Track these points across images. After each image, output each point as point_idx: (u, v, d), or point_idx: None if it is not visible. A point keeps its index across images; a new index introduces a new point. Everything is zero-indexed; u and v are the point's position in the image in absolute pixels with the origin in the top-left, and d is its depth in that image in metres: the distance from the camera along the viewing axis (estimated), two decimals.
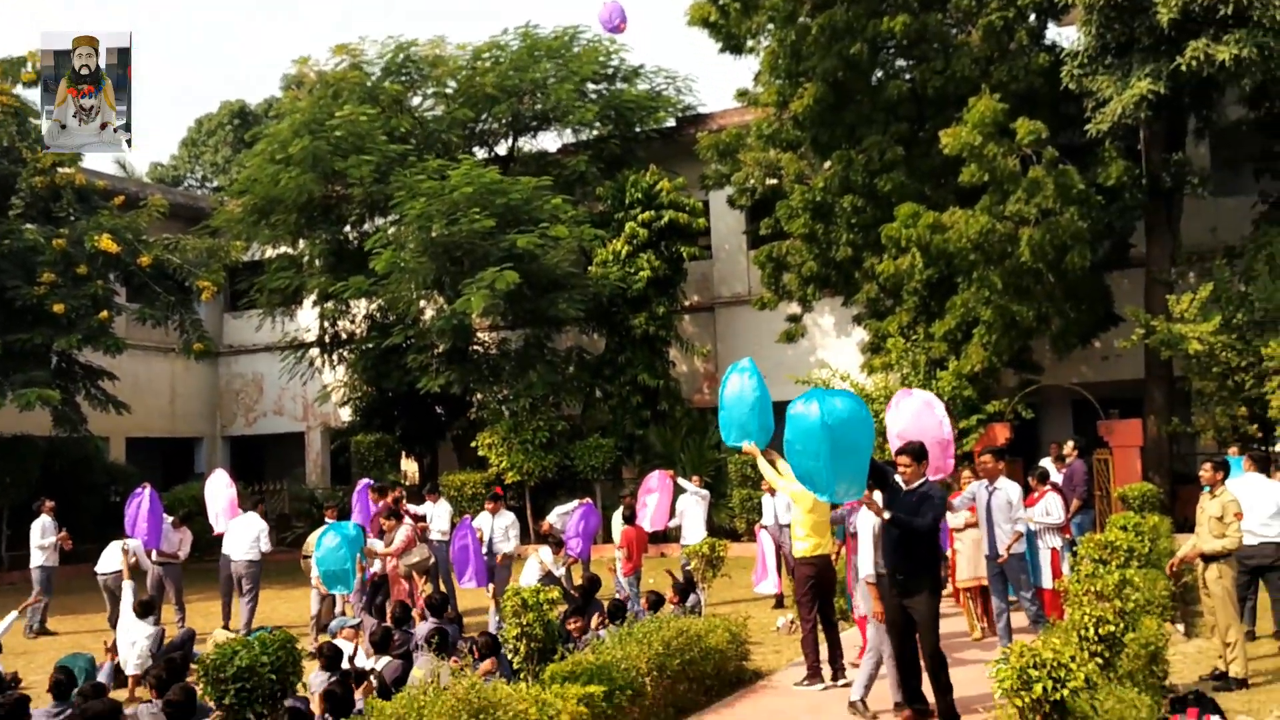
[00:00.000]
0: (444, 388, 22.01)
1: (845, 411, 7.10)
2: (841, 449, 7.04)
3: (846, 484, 7.19)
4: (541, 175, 21.73)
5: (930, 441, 8.74)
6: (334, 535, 11.43)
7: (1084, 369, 20.99)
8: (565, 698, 6.79)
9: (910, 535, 7.37)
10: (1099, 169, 16.97)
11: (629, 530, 12.96)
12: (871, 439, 7.40)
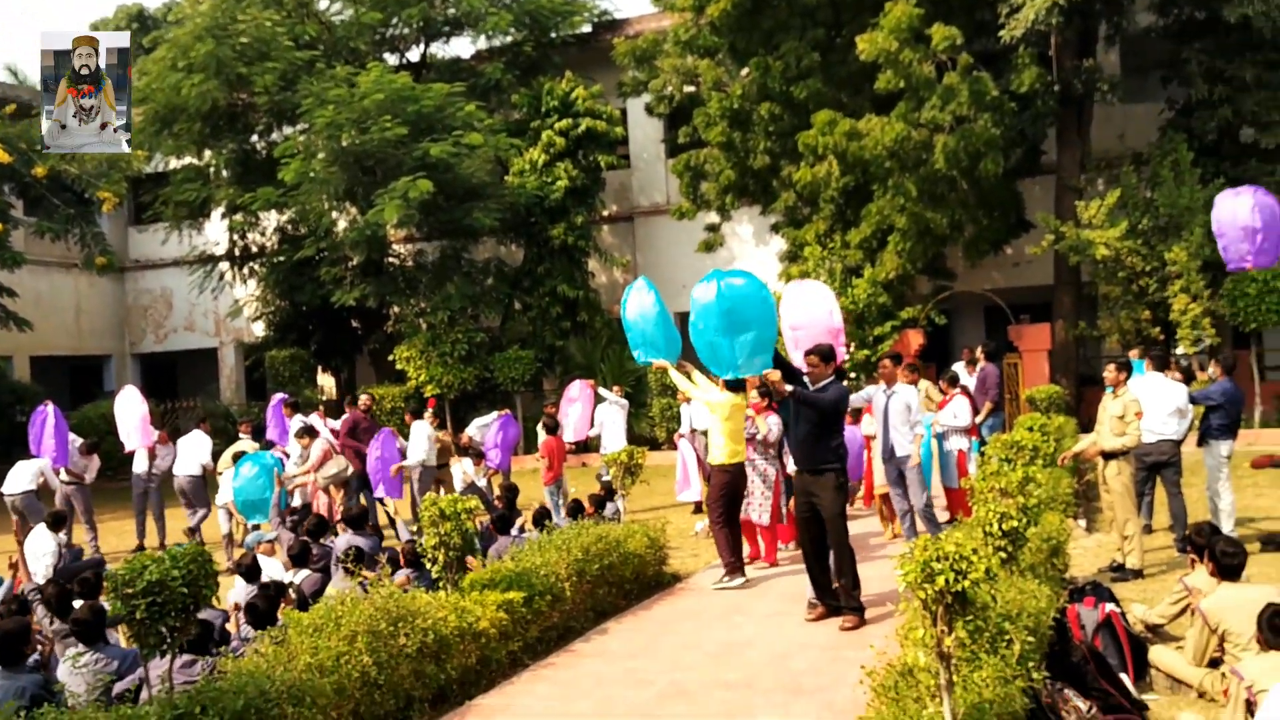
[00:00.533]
0: (359, 301, 21.69)
1: (742, 288, 7.52)
2: (740, 323, 7.44)
3: (749, 358, 7.43)
4: (455, 82, 21.22)
5: (821, 330, 8.99)
6: (252, 465, 11.28)
7: (996, 275, 21.37)
8: (485, 604, 6.86)
9: (815, 431, 7.53)
10: (1012, 76, 17.08)
11: (550, 440, 12.98)
12: (771, 315, 7.65)
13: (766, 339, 7.60)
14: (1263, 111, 16.93)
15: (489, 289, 22.44)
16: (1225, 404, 10.00)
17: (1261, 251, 10.88)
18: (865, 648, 5.37)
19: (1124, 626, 6.29)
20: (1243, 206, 10.81)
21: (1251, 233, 10.84)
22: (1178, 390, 9.79)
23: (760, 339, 7.53)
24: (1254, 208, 10.83)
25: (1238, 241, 10.93)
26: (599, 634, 7.81)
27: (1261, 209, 10.80)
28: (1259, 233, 10.85)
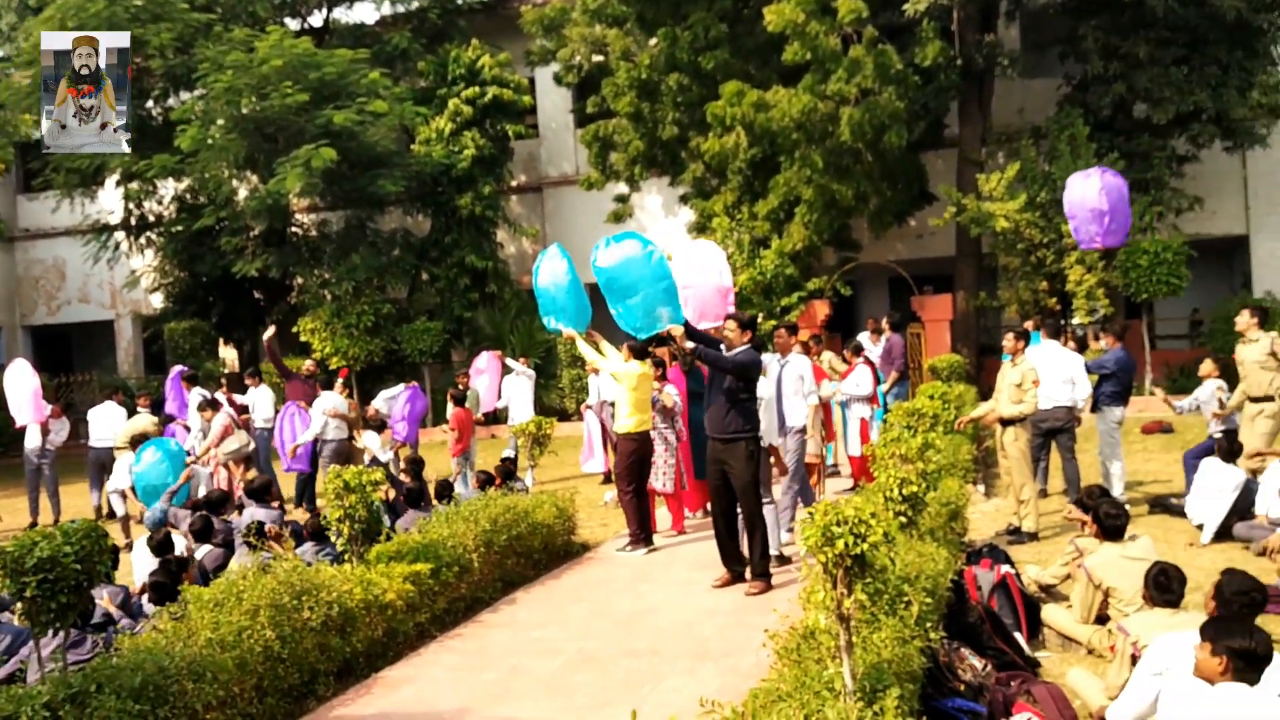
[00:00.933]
0: (262, 271, 21.22)
1: (618, 255, 7.70)
2: (626, 286, 7.61)
3: (646, 318, 7.55)
4: (359, 49, 20.79)
5: (710, 290, 9.10)
6: (155, 450, 10.97)
7: (900, 247, 21.73)
8: (391, 577, 6.81)
9: (728, 399, 7.60)
10: (916, 49, 17.32)
11: (458, 412, 12.89)
12: (657, 273, 7.73)
13: (658, 297, 7.66)
14: (1155, 88, 17.43)
15: (395, 259, 22.12)
16: (1118, 371, 10.35)
17: (1110, 232, 11.30)
18: (769, 613, 5.45)
19: (1018, 587, 6.48)
20: (1091, 189, 11.20)
21: (1099, 214, 11.24)
22: (1073, 359, 10.08)
23: (650, 299, 7.60)
24: (1101, 190, 11.22)
25: (1088, 223, 11.33)
26: (507, 604, 7.80)
27: (1109, 191, 11.20)
28: (1106, 214, 11.26)
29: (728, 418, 7.67)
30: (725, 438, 7.69)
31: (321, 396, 12.74)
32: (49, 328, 29.25)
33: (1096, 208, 11.20)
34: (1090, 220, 11.30)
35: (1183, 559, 7.62)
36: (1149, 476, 11.77)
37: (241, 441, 12.44)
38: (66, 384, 24.40)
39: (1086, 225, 11.37)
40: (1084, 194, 11.28)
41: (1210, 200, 19.38)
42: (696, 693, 5.33)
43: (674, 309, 7.79)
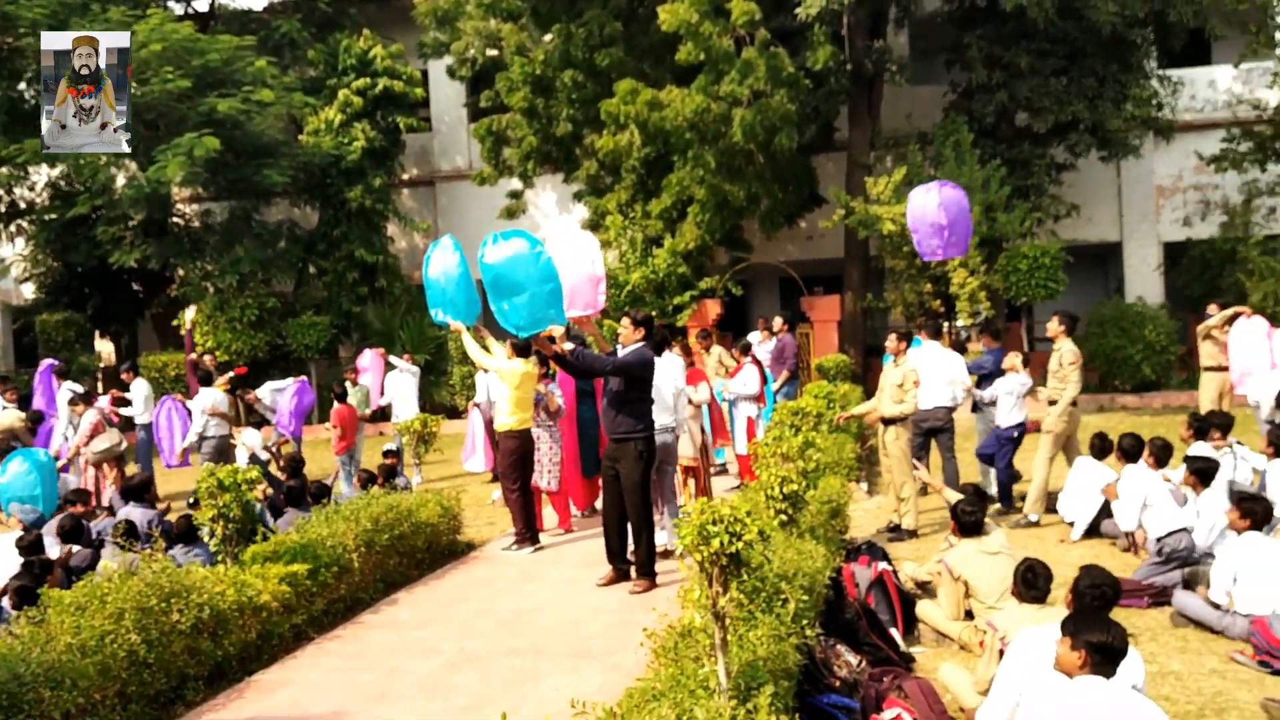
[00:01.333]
0: (141, 262, 20.56)
1: (508, 252, 7.57)
2: (512, 284, 7.52)
3: (536, 316, 7.47)
4: (245, 35, 20.26)
5: (583, 280, 9.11)
6: (22, 461, 10.47)
7: (790, 248, 22.01)
8: (266, 578, 6.64)
9: (619, 398, 7.59)
10: (808, 53, 17.53)
11: (342, 409, 12.64)
12: (544, 273, 7.66)
13: (541, 298, 7.61)
14: (1035, 98, 17.94)
15: (282, 252, 21.62)
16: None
17: (950, 244, 11.72)
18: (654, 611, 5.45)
19: (895, 584, 6.60)
20: (931, 203, 11.58)
21: (940, 228, 11.66)
22: (953, 359, 10.32)
23: (534, 299, 7.55)
24: (940, 204, 11.63)
25: (929, 236, 11.73)
26: (388, 605, 7.68)
27: (947, 205, 11.60)
28: (946, 228, 11.67)
29: (618, 418, 7.67)
30: (617, 437, 7.68)
31: (201, 393, 12.38)
32: None
33: (936, 221, 11.55)
34: (931, 234, 11.65)
35: (1053, 555, 7.87)
36: (1025, 474, 12.08)
37: (113, 440, 12.02)
38: None
39: (928, 239, 11.72)
40: (924, 208, 11.62)
41: (1086, 207, 20.08)
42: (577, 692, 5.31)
43: (558, 311, 7.76)
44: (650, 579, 7.62)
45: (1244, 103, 20.13)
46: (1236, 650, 6.08)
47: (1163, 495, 7.68)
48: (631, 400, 7.66)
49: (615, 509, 7.81)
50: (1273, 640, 5.84)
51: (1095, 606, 4.60)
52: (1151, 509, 7.69)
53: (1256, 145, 18.96)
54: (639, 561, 7.69)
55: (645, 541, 7.66)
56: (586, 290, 9.29)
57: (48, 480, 10.06)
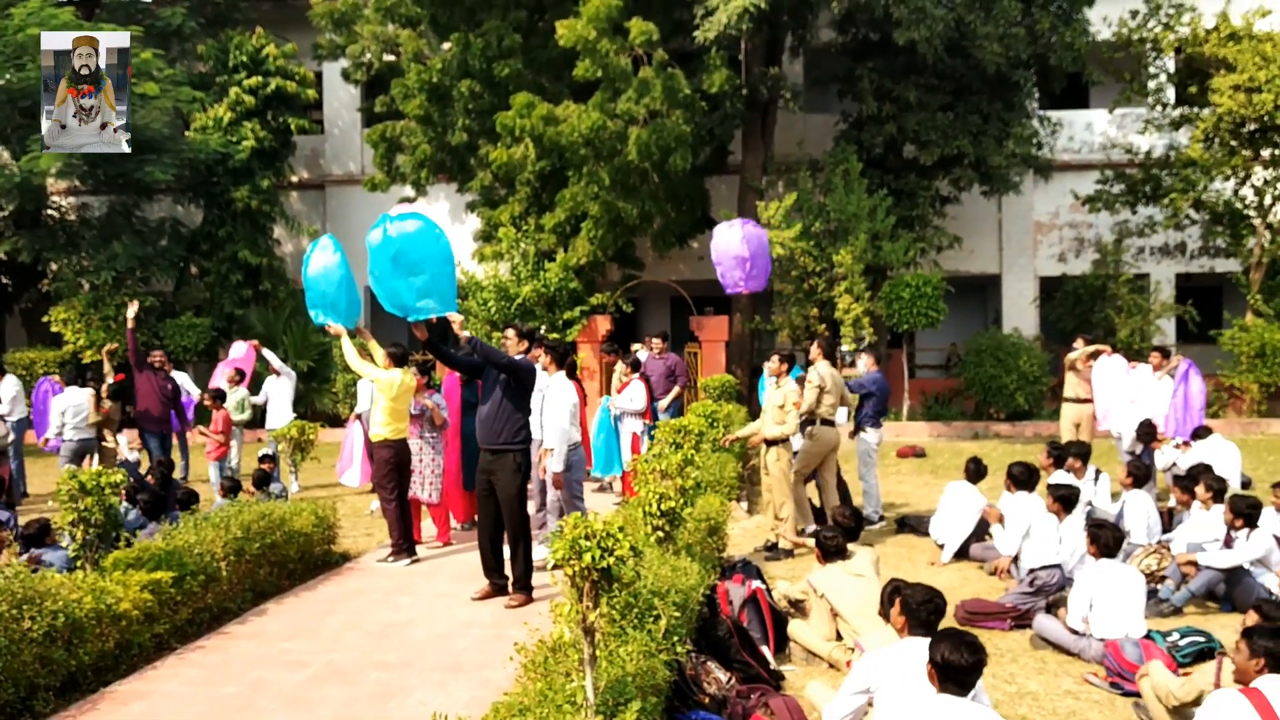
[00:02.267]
0: (10, 255, 19.74)
1: (411, 231, 7.42)
2: (410, 265, 7.37)
3: (430, 299, 7.39)
4: (130, 25, 19.63)
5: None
6: None
7: (682, 267, 22.20)
8: (128, 585, 6.42)
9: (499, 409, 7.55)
10: (704, 76, 17.74)
11: (218, 415, 12.32)
12: (443, 256, 7.59)
13: (441, 280, 7.53)
14: (922, 131, 18.47)
15: (162, 250, 20.95)
16: (876, 393, 10.86)
17: (751, 277, 12.33)
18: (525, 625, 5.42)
19: (768, 602, 6.68)
20: (735, 238, 12.19)
21: (742, 261, 12.21)
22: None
23: (434, 281, 7.46)
24: (743, 239, 12.22)
25: (732, 269, 12.32)
26: (256, 615, 7.48)
27: (750, 240, 12.19)
28: (749, 261, 12.23)
29: (498, 428, 7.61)
30: (495, 448, 7.62)
31: (65, 392, 11.93)
32: None
33: (739, 255, 12.06)
34: (735, 266, 12.18)
35: (923, 577, 8.04)
36: (900, 498, 12.38)
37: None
38: None
39: (731, 271, 12.25)
40: (729, 242, 12.13)
41: (968, 240, 20.71)
42: (444, 706, 5.26)
43: (453, 297, 7.68)
44: (527, 594, 7.58)
45: (1118, 146, 21.05)
46: (1090, 672, 6.31)
47: (1046, 527, 7.83)
48: (511, 411, 7.63)
49: (490, 522, 7.75)
50: (1124, 662, 6.07)
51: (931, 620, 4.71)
52: (1032, 539, 7.86)
53: (1128, 188, 19.84)
54: (515, 576, 7.64)
55: (522, 555, 7.62)
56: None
57: None
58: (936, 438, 18.45)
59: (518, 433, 7.64)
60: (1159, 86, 19.93)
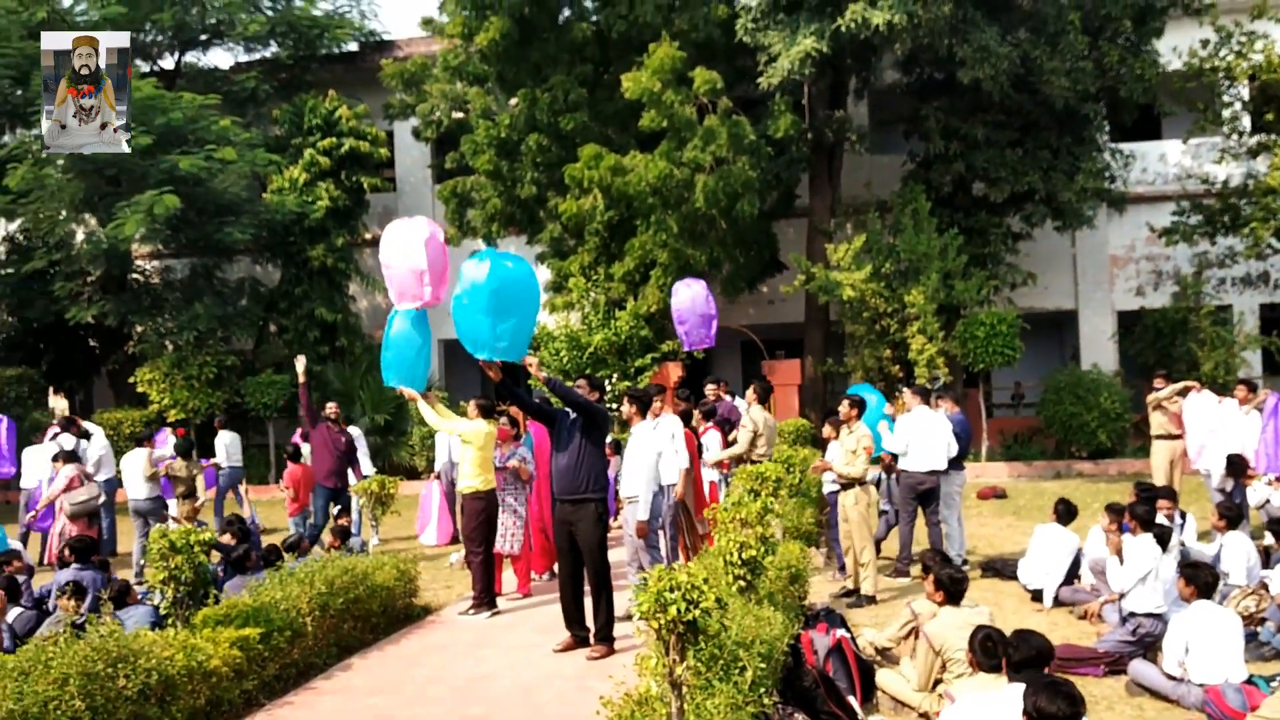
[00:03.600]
0: (98, 318, 20.37)
1: (513, 271, 7.44)
2: (506, 306, 7.39)
3: (508, 345, 7.42)
4: (210, 94, 20.30)
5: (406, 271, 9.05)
6: None
7: (751, 311, 22.18)
8: (217, 642, 6.52)
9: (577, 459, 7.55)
10: (769, 121, 17.82)
11: (294, 469, 12.51)
12: (535, 305, 7.64)
13: (526, 328, 7.61)
14: (991, 168, 18.31)
15: (242, 309, 21.49)
16: (961, 436, 10.71)
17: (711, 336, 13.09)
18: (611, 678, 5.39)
19: (853, 651, 6.57)
20: (699, 295, 12.82)
21: (709, 319, 12.85)
22: (945, 423, 10.34)
23: (521, 326, 7.53)
24: (706, 296, 12.85)
25: (697, 326, 12.89)
26: (342, 670, 7.54)
27: (711, 297, 13.00)
28: (713, 318, 12.94)
29: (578, 478, 7.61)
30: (575, 499, 7.62)
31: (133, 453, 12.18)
32: None
33: (705, 312, 12.56)
34: (699, 324, 12.69)
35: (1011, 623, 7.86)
36: (983, 540, 12.17)
37: (91, 494, 11.75)
38: None
39: (696, 329, 12.70)
40: (692, 300, 12.75)
41: (1042, 276, 20.41)
42: None
43: (524, 346, 7.75)
44: (609, 645, 7.55)
45: (1193, 177, 20.64)
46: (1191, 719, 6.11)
47: (1167, 573, 7.53)
48: (590, 461, 7.63)
49: (571, 574, 7.74)
50: (1226, 709, 5.87)
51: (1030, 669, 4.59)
52: (1145, 584, 7.51)
53: (1206, 219, 19.42)
54: (598, 627, 7.62)
55: (605, 606, 7.59)
56: (412, 283, 9.12)
57: None
58: (1017, 478, 18.12)
59: (597, 481, 7.65)
60: (1234, 115, 19.55)
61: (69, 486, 11.71)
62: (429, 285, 9.30)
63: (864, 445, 9.35)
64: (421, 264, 9.09)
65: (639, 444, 8.42)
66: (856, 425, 9.54)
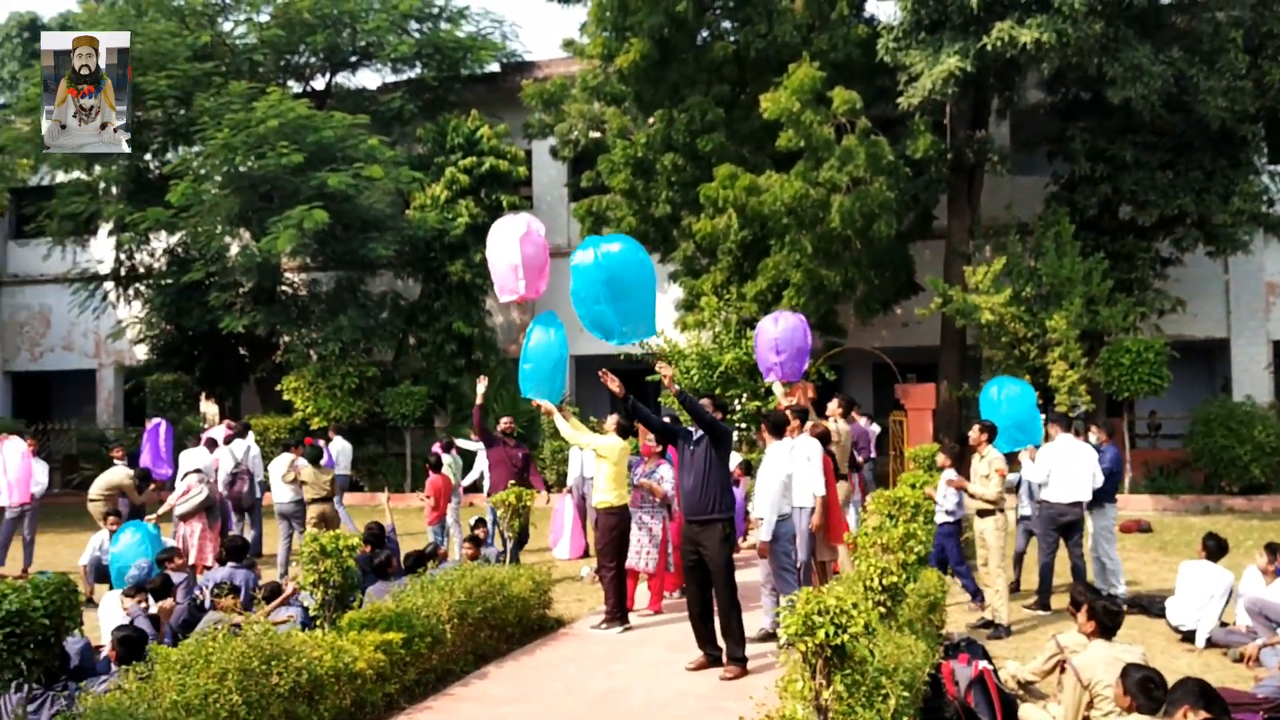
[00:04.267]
0: (248, 328, 21.24)
1: (619, 253, 7.44)
2: (621, 288, 7.49)
3: (634, 325, 7.46)
4: (358, 114, 21.06)
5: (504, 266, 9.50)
6: (134, 532, 10.85)
7: (885, 334, 21.88)
8: (362, 645, 6.71)
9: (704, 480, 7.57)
10: (908, 141, 17.61)
11: (435, 479, 12.81)
12: (651, 280, 7.65)
13: (645, 306, 7.63)
14: (1140, 190, 17.74)
15: (383, 322, 22.19)
16: (1113, 469, 10.39)
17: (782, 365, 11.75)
18: (745, 698, 5.39)
19: (995, 684, 6.42)
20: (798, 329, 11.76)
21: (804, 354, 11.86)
22: (1090, 454, 10.07)
23: (643, 306, 7.56)
24: (806, 331, 11.97)
25: (792, 359, 11.72)
26: (478, 678, 7.69)
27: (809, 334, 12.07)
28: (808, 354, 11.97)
29: (705, 498, 7.62)
30: (702, 519, 7.63)
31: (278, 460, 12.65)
32: (31, 374, 29.08)
33: (804, 347, 11.65)
34: (795, 359, 11.65)
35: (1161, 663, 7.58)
36: (1128, 575, 11.72)
37: (198, 493, 12.28)
38: (44, 431, 24.17)
39: (791, 362, 11.68)
40: (791, 333, 11.64)
41: (1193, 303, 19.65)
42: None
43: (651, 321, 7.78)
44: (741, 665, 7.52)
45: None
46: None
47: None
48: (717, 479, 7.64)
49: (700, 594, 7.74)
50: None
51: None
52: None
53: None
54: (728, 647, 7.60)
55: (735, 627, 7.57)
56: (508, 277, 9.24)
57: (156, 548, 10.34)
58: (1163, 511, 17.43)
59: (722, 500, 7.65)
60: None
61: (184, 493, 12.23)
62: (523, 280, 9.60)
63: (995, 468, 9.16)
64: (516, 259, 9.37)
65: (771, 465, 8.40)
66: (987, 450, 9.37)
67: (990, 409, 10.59)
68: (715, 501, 7.60)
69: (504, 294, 9.84)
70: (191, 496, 12.18)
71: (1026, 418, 10.36)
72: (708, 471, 7.61)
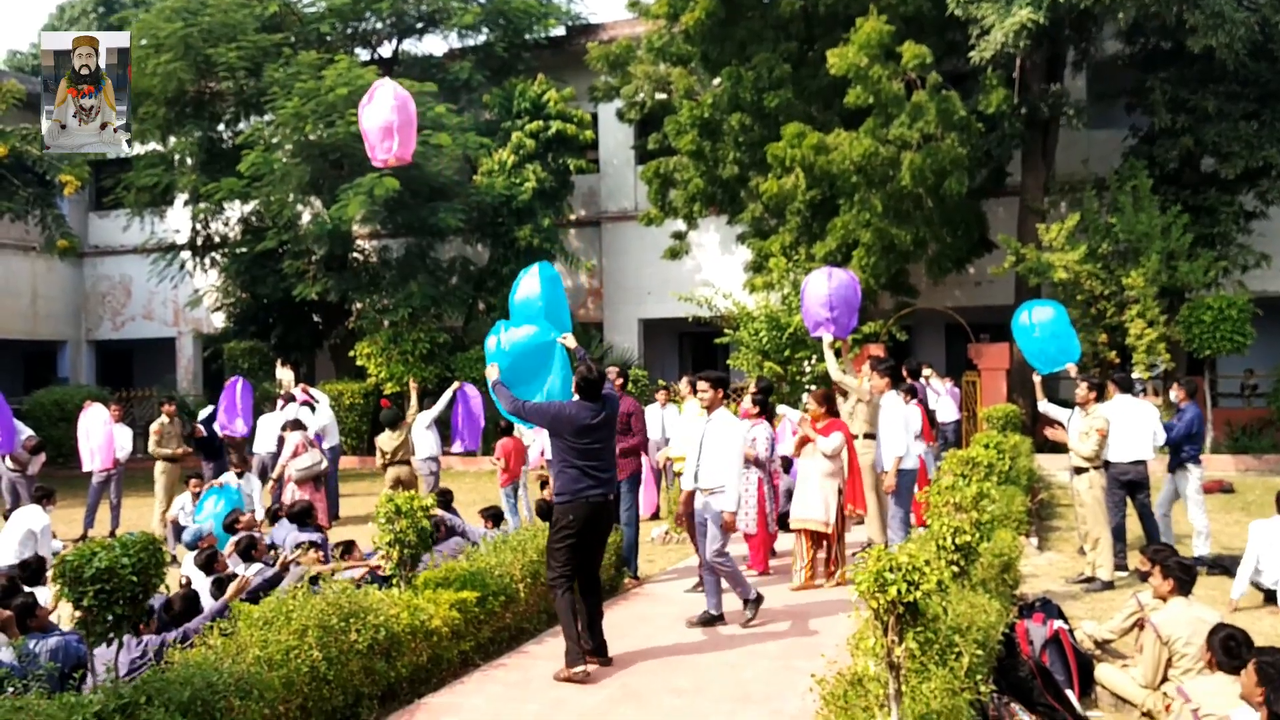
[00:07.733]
0: (321, 295, 21.55)
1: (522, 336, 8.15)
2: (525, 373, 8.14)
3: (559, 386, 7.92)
4: (425, 81, 21.14)
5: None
6: (218, 499, 11.17)
7: (957, 293, 21.56)
8: (438, 603, 6.83)
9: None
10: (980, 96, 17.26)
11: (506, 441, 12.92)
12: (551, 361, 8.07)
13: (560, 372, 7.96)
14: (1224, 142, 17.22)
15: (453, 288, 22.36)
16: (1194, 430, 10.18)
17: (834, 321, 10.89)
18: (816, 657, 5.39)
19: (1071, 644, 6.35)
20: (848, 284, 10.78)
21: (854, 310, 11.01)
22: (1150, 412, 9.94)
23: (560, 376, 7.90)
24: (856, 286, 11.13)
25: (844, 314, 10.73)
26: (552, 636, 7.77)
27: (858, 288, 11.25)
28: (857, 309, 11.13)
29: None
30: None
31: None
32: (113, 343, 29.89)
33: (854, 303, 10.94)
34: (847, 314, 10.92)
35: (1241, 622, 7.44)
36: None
37: (314, 460, 12.56)
38: (127, 398, 24.83)
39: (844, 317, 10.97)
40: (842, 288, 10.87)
41: (1278, 258, 19.06)
42: None
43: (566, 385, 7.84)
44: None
45: None
46: None
47: None
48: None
49: None
50: None
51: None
52: None
53: None
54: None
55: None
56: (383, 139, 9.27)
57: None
58: (1244, 471, 17.03)
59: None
60: None
61: (295, 453, 12.50)
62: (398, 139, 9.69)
63: (1097, 428, 9.05)
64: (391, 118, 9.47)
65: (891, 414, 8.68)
66: (1093, 408, 9.28)
67: (1023, 334, 10.58)
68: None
69: (377, 157, 9.99)
70: (304, 460, 12.44)
71: (1063, 335, 10.26)
72: None
